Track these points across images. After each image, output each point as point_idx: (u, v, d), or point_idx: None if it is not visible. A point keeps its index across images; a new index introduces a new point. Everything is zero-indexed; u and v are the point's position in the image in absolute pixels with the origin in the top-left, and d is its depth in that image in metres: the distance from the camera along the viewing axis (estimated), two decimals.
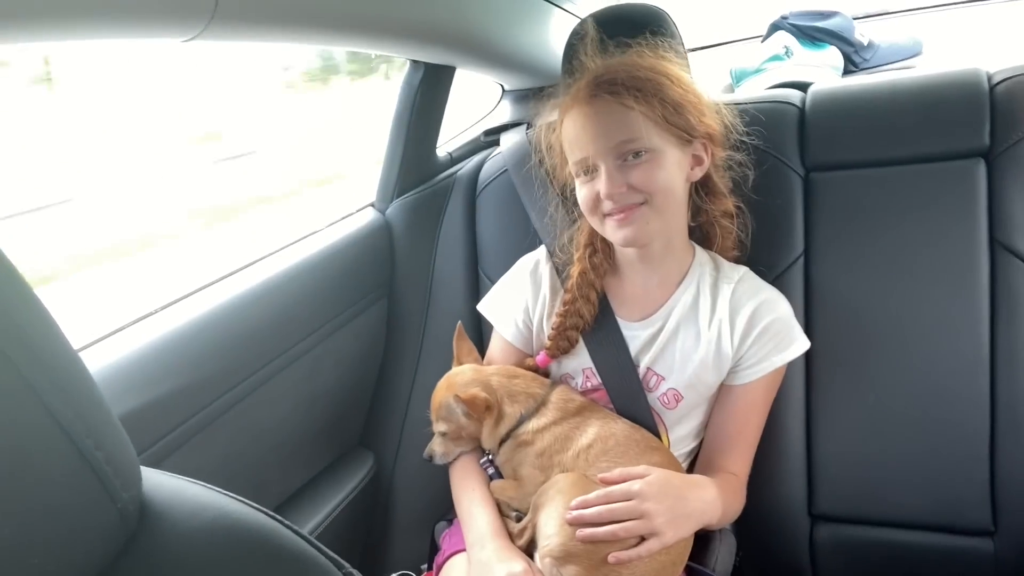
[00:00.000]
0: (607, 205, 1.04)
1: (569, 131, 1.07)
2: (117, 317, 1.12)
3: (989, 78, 1.20)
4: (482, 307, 1.29)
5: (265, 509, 0.47)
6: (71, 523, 0.37)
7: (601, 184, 1.03)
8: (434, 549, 1.25)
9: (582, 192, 1.07)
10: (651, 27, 1.16)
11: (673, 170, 1.04)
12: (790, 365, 1.13)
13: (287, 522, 0.47)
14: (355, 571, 0.48)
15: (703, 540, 1.08)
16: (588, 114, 1.04)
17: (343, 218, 1.54)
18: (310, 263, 1.37)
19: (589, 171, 1.05)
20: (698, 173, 1.09)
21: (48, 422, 0.35)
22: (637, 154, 1.02)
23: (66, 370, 0.37)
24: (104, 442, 0.38)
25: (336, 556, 0.48)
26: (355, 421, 1.51)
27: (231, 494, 0.47)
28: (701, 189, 1.14)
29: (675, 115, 1.03)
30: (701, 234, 1.19)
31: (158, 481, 0.45)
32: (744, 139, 1.14)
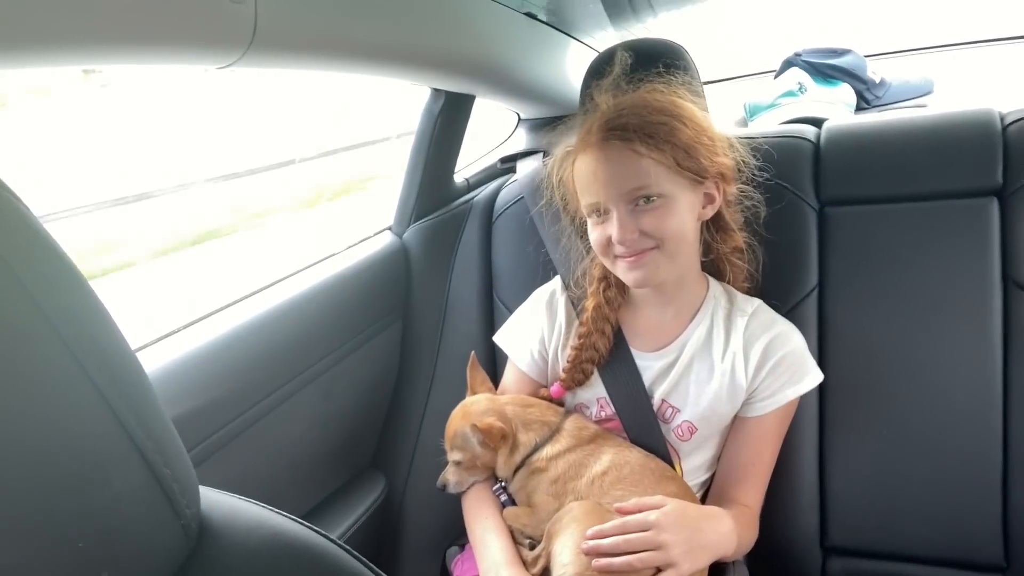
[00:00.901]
0: (619, 248, 1.04)
1: (581, 173, 1.06)
2: None
3: (1002, 118, 1.22)
4: (498, 338, 1.29)
5: (319, 529, 0.48)
6: (140, 538, 0.38)
7: (613, 229, 1.02)
8: (445, 575, 1.25)
9: (594, 233, 1.07)
10: (664, 59, 1.17)
11: (685, 214, 1.04)
12: (803, 398, 1.13)
13: (342, 543, 0.48)
14: None
15: (716, 571, 1.07)
16: (599, 159, 1.03)
17: (360, 241, 1.56)
18: (327, 285, 1.39)
19: (601, 214, 1.05)
20: (710, 212, 1.10)
21: (124, 439, 0.36)
22: (649, 199, 1.02)
23: (138, 389, 0.39)
24: (171, 461, 0.39)
25: None
26: (368, 442, 1.52)
27: (286, 514, 0.48)
28: (712, 226, 1.15)
29: (687, 159, 1.02)
30: (713, 268, 1.19)
31: (215, 499, 0.46)
32: (758, 174, 1.15)
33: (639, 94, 1.07)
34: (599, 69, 1.18)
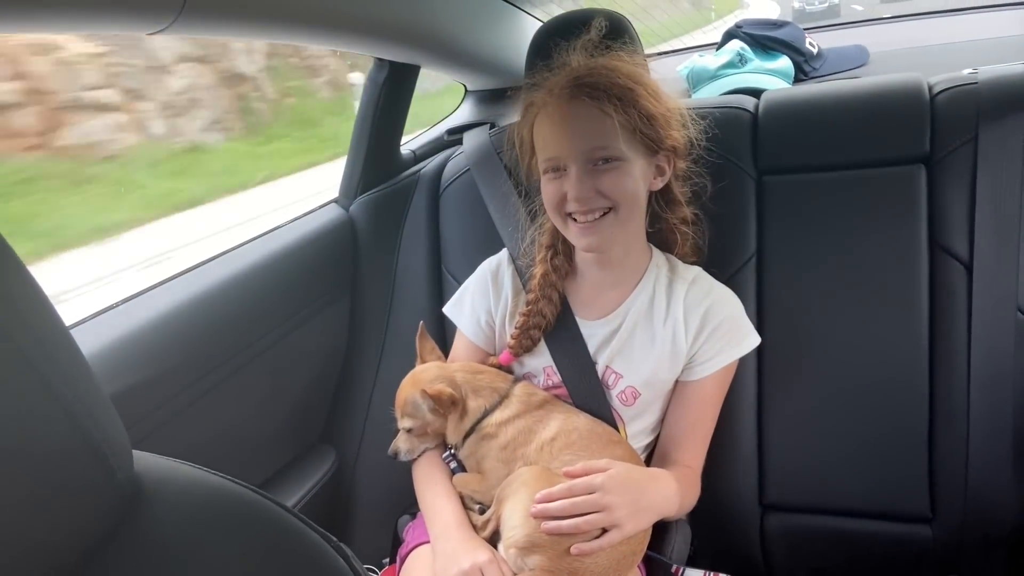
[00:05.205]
0: (572, 206, 1.06)
1: (544, 127, 1.08)
2: None
3: (930, 88, 1.26)
4: (447, 309, 1.30)
5: (255, 488, 0.48)
6: (71, 499, 0.38)
7: (570, 185, 1.04)
8: (396, 542, 1.26)
9: (548, 188, 1.09)
10: (628, 33, 1.19)
11: (639, 180, 1.07)
12: (742, 361, 1.17)
13: (277, 500, 0.48)
14: (343, 545, 0.50)
15: (660, 530, 1.11)
16: (565, 114, 1.05)
17: (307, 213, 1.54)
18: (273, 258, 1.37)
19: (558, 170, 1.07)
20: (659, 184, 1.12)
21: (50, 400, 0.36)
22: (607, 160, 1.04)
23: (64, 351, 0.38)
24: (101, 422, 0.39)
25: (324, 531, 0.49)
26: (317, 417, 1.51)
27: (221, 474, 0.48)
28: (660, 198, 1.17)
29: (647, 127, 1.05)
30: (660, 240, 1.21)
31: (150, 462, 0.46)
32: (702, 149, 1.16)
33: (608, 59, 1.09)
34: (568, 29, 1.17)
